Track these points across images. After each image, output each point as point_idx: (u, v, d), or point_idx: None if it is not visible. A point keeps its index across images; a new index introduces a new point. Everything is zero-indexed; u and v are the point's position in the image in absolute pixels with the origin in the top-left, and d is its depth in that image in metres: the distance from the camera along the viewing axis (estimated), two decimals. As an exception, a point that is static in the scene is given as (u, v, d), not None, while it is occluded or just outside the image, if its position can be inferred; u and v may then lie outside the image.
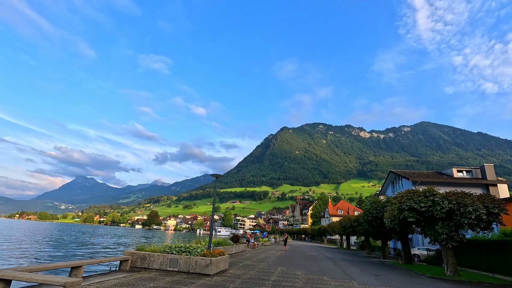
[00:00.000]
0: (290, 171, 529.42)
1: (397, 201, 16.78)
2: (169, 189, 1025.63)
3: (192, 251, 11.36)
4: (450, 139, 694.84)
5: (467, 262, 19.43)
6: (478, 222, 14.23)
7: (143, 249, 11.82)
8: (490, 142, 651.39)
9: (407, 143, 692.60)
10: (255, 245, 32.84)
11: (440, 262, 24.28)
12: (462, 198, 14.71)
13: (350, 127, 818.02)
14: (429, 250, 28.35)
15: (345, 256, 28.96)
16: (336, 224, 52.09)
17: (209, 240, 12.73)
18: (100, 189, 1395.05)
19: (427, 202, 15.37)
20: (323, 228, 73.89)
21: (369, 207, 24.71)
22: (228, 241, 22.13)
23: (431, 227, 16.01)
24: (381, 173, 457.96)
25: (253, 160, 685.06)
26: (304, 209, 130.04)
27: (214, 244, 19.80)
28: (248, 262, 17.02)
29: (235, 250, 22.58)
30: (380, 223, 23.31)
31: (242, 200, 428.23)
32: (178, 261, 11.01)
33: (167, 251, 11.45)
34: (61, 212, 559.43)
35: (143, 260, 11.26)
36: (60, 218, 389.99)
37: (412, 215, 15.71)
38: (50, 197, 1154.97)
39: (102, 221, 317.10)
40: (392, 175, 42.21)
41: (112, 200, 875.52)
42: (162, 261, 11.11)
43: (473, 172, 36.45)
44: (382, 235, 28.19)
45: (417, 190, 16.56)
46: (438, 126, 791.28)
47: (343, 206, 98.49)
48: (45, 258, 24.98)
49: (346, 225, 41.43)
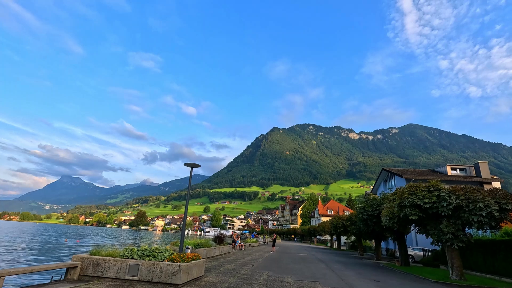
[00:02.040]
0: (280, 172, 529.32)
1: (397, 197, 15.05)
2: (158, 189, 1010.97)
3: (157, 255, 9.26)
4: (436, 141, 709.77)
5: (470, 264, 17.94)
6: (489, 220, 12.62)
7: (97, 253, 9.65)
8: (474, 144, 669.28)
9: (395, 145, 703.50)
10: (242, 246, 30.84)
11: (437, 264, 22.85)
12: (471, 193, 13.09)
13: (339, 128, 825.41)
14: (424, 251, 27.02)
15: (337, 258, 27.29)
16: (327, 224, 50.60)
17: (181, 242, 10.66)
18: (87, 189, 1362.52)
19: (431, 198, 13.68)
20: (313, 228, 72.43)
21: (364, 205, 23.03)
22: (210, 242, 20.04)
23: (435, 226, 14.37)
24: (370, 174, 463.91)
25: (243, 160, 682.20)
26: (294, 209, 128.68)
27: (194, 245, 17.70)
28: (231, 266, 15.00)
29: (218, 252, 20.50)
30: (376, 221, 21.67)
31: (232, 201, 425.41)
32: (139, 268, 8.92)
33: (126, 255, 9.33)
34: (46, 212, 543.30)
35: (96, 266, 9.11)
36: (44, 219, 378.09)
37: (414, 212, 13.99)
38: (34, 197, 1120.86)
39: (87, 222, 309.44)
40: (384, 173, 41.05)
41: (99, 200, 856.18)
42: (120, 267, 8.99)
43: (467, 169, 35.55)
44: (376, 235, 26.64)
45: (419, 184, 14.87)
46: (424, 128, 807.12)
47: (333, 206, 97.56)
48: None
49: (337, 224, 39.88)
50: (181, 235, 11.04)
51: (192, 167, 11.55)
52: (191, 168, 11.58)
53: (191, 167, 11.55)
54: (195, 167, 11.60)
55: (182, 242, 10.60)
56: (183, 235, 11.15)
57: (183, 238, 10.97)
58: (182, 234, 11.13)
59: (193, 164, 11.46)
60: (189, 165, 11.51)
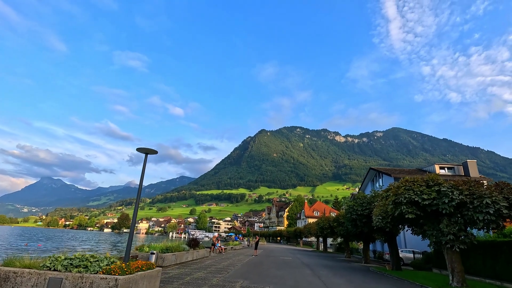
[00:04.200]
0: (267, 174, 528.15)
1: (391, 193, 13.28)
2: (143, 191, 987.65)
3: (91, 265, 7.01)
4: (419, 144, 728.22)
5: (467, 267, 16.33)
6: (497, 218, 11.01)
7: (11, 263, 7.28)
8: (454, 148, 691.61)
9: (379, 148, 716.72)
10: (222, 250, 28.56)
11: (429, 267, 21.39)
12: (476, 188, 11.49)
13: (326, 131, 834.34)
14: (415, 253, 25.65)
15: (324, 261, 25.48)
16: (313, 225, 48.95)
17: (127, 248, 8.35)
18: (68, 191, 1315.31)
19: (430, 194, 11.97)
20: (299, 230, 70.81)
21: (353, 203, 21.28)
22: (182, 246, 17.71)
23: (433, 226, 12.70)
24: (355, 176, 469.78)
25: (230, 162, 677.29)
26: (280, 211, 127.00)
27: (161, 249, 15.37)
28: (201, 274, 12.81)
29: (191, 257, 18.19)
30: (366, 222, 19.96)
31: (218, 203, 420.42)
32: (62, 283, 6.65)
33: (48, 265, 7.03)
34: (23, 215, 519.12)
35: (5, 281, 6.76)
36: (21, 222, 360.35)
37: (411, 210, 12.25)
38: (10, 200, 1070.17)
39: (68, 225, 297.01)
40: (372, 172, 39.86)
41: (81, 203, 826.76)
42: (36, 282, 6.69)
43: (456, 168, 34.78)
44: (364, 237, 25.02)
45: (417, 178, 13.15)
46: (408, 132, 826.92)
47: (319, 208, 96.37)
48: None
49: (324, 226, 38.20)
50: (129, 237, 8.59)
51: (147, 153, 9.37)
52: (146, 155, 9.39)
53: (145, 153, 9.35)
54: (150, 153, 9.42)
55: (129, 248, 8.28)
56: (130, 239, 8.73)
57: (130, 243, 8.58)
58: (129, 237, 8.67)
59: (148, 149, 9.27)
60: (143, 150, 9.31)
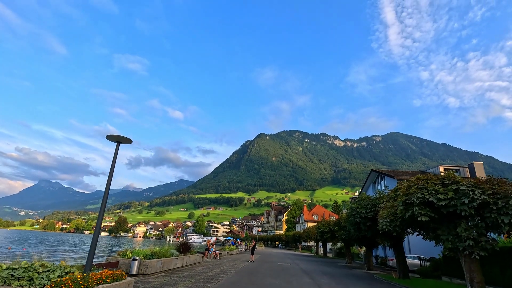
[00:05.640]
0: (266, 178, 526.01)
1: (401, 193, 11.88)
2: (141, 195, 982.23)
3: (37, 277, 5.59)
4: (417, 149, 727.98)
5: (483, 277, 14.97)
6: (525, 221, 9.62)
7: None
8: (453, 152, 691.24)
9: (378, 152, 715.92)
10: (217, 255, 27.01)
11: (438, 275, 19.89)
12: (501, 187, 10.11)
13: (325, 135, 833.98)
14: (421, 259, 24.16)
15: (324, 268, 23.98)
16: (312, 229, 47.43)
17: (89, 254, 6.89)
18: (66, 194, 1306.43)
19: (447, 193, 10.60)
20: (298, 234, 69.15)
21: (356, 205, 19.83)
22: (171, 251, 16.22)
23: (449, 230, 11.29)
24: (354, 180, 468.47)
25: (229, 166, 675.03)
26: (279, 214, 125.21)
27: (145, 255, 13.90)
28: (187, 283, 11.34)
29: (180, 264, 16.68)
30: (371, 225, 18.52)
31: (217, 207, 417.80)
32: (-4, 300, 5.24)
33: (-18, 277, 5.61)
34: (20, 218, 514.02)
35: None
36: (17, 225, 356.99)
37: (425, 211, 10.86)
38: (8, 202, 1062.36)
39: (64, 228, 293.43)
40: (374, 175, 38.50)
41: (79, 206, 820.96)
42: (-37, 299, 5.28)
43: (461, 170, 33.42)
44: (367, 241, 23.54)
45: (431, 176, 11.77)
46: (406, 136, 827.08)
47: (319, 211, 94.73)
48: None
49: (324, 230, 36.71)
50: (92, 242, 7.07)
51: (119, 142, 8.00)
52: (118, 143, 8.03)
53: (117, 142, 7.99)
54: (124, 142, 8.06)
55: (92, 254, 6.79)
56: (94, 243, 7.23)
57: (94, 248, 7.08)
58: (92, 241, 7.14)
59: (121, 137, 7.90)
60: (114, 138, 7.93)
